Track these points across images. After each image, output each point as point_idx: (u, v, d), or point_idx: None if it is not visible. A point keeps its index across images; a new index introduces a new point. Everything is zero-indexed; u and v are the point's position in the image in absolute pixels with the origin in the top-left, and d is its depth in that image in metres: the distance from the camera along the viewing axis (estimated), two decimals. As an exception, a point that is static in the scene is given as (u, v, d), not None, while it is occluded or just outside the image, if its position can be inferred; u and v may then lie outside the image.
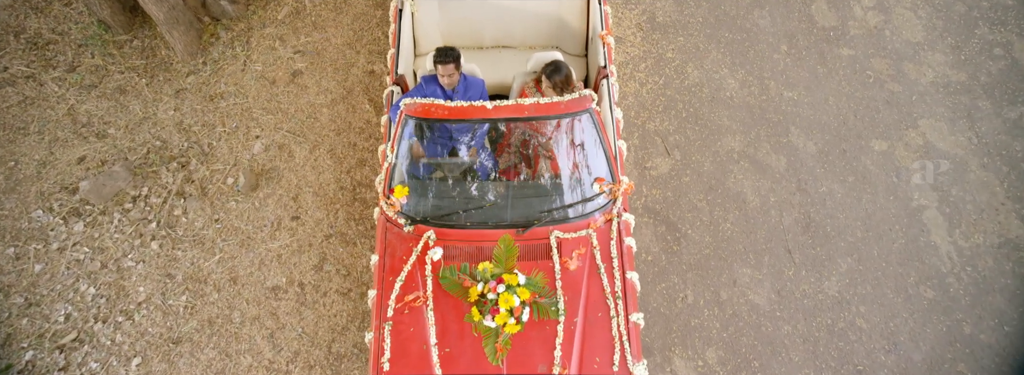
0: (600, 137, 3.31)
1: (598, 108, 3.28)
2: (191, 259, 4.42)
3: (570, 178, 3.44)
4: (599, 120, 3.29)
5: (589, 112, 3.25)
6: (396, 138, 3.38)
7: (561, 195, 3.43)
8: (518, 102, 3.23)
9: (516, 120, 3.25)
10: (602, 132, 3.31)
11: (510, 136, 3.46)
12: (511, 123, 3.38)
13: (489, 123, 3.32)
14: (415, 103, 3.31)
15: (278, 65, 5.09)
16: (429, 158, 3.58)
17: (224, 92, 5.03)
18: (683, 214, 4.52)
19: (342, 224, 4.51)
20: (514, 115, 3.22)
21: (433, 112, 3.25)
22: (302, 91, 5.00)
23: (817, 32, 5.09)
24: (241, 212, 4.59)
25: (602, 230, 3.42)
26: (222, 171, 4.73)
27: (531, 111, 3.21)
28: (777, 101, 4.86)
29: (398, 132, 3.37)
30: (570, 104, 3.23)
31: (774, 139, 4.74)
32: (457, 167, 3.51)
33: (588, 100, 3.26)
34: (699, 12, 5.20)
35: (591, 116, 3.27)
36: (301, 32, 5.20)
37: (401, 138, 3.39)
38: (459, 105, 3.24)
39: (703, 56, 5.04)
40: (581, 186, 3.44)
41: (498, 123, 3.37)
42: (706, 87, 4.93)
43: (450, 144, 3.71)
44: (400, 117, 3.36)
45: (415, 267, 3.36)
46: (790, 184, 4.58)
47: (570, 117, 3.29)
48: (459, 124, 3.34)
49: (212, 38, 5.23)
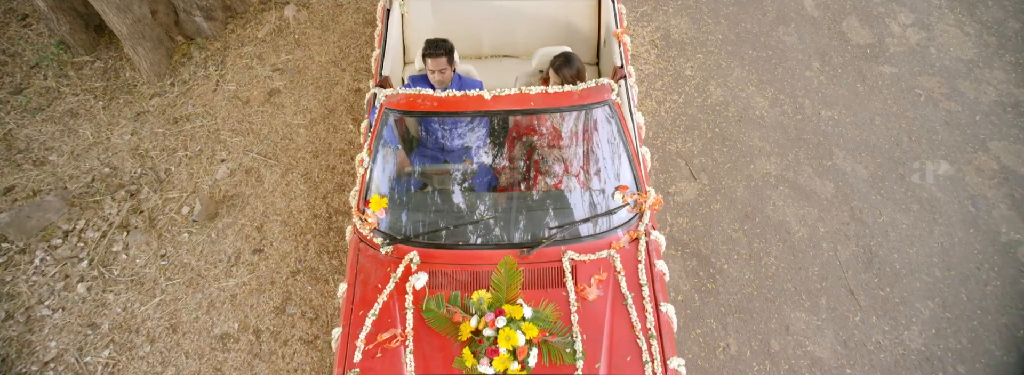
0: (622, 136, 2.85)
1: (619, 101, 2.84)
2: (124, 303, 3.80)
3: (586, 186, 2.94)
4: (621, 114, 2.85)
5: (608, 104, 2.81)
6: (374, 137, 2.92)
7: (575, 207, 2.91)
8: (523, 91, 2.79)
9: (521, 113, 2.81)
10: (624, 130, 2.85)
11: (514, 134, 3.00)
12: (514, 118, 2.92)
13: (488, 118, 2.86)
14: (397, 94, 2.88)
15: (254, 84, 4.76)
16: (416, 167, 3.10)
17: (191, 114, 4.65)
18: (716, 246, 3.96)
19: (313, 258, 3.93)
20: (518, 107, 2.78)
21: (419, 104, 2.82)
22: (278, 111, 4.62)
23: (851, 49, 4.80)
24: (194, 245, 4.03)
25: (627, 251, 2.87)
26: (177, 199, 4.24)
27: (538, 102, 2.77)
28: (815, 121, 4.46)
29: (377, 130, 2.91)
30: (586, 94, 2.80)
31: (816, 162, 4.28)
32: (450, 176, 3.02)
33: (607, 90, 2.83)
34: (718, 29, 4.95)
35: (611, 109, 2.83)
36: (282, 50, 4.92)
37: (380, 137, 2.92)
38: (451, 95, 2.81)
39: (726, 73, 4.72)
40: (600, 196, 2.93)
41: (499, 118, 2.92)
42: (732, 106, 4.56)
43: (440, 147, 3.26)
44: (379, 112, 2.92)
45: (392, 298, 2.77)
46: (841, 213, 4.05)
47: (586, 110, 2.84)
48: (451, 120, 2.89)
49: (184, 58, 4.95)
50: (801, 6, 5.06)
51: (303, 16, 5.06)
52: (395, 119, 2.92)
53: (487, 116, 2.82)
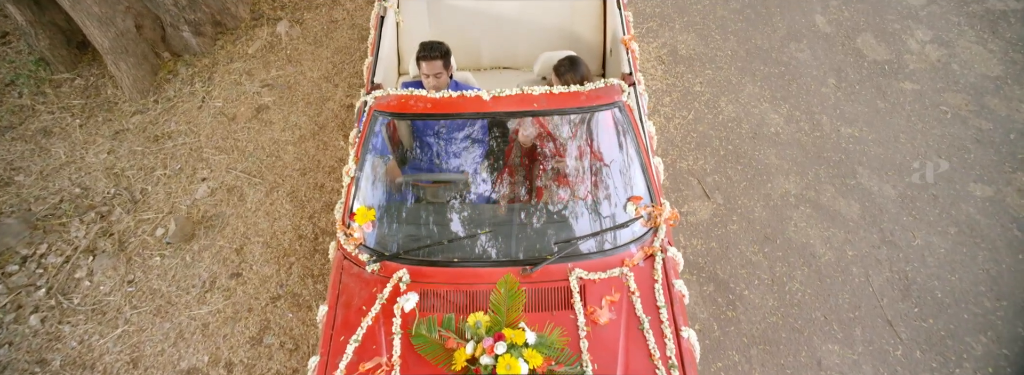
0: (634, 141, 2.64)
1: (630, 103, 2.65)
2: (81, 336, 3.51)
3: (595, 197, 2.71)
4: (632, 118, 2.65)
5: (619, 106, 2.62)
6: (362, 143, 2.71)
7: (583, 220, 2.67)
8: (524, 91, 2.60)
9: (523, 115, 2.60)
10: (637, 134, 2.65)
11: (516, 138, 2.79)
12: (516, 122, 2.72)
13: (487, 120, 2.66)
14: (387, 95, 2.69)
15: (241, 100, 4.60)
16: (408, 176, 2.88)
17: (173, 131, 4.47)
18: (735, 270, 3.69)
19: (295, 282, 3.66)
20: (520, 108, 2.57)
21: (411, 106, 2.62)
22: (266, 127, 4.44)
23: (868, 66, 4.66)
24: (166, 269, 3.76)
25: (641, 270, 2.60)
26: (152, 221, 4.00)
27: (542, 103, 2.57)
28: (834, 138, 4.27)
29: (364, 135, 2.71)
30: (594, 94, 2.61)
31: (839, 181, 4.06)
32: (445, 187, 2.79)
33: (617, 90, 2.64)
34: (727, 45, 4.83)
35: (622, 111, 2.63)
36: (273, 66, 4.78)
37: (368, 143, 2.71)
38: (447, 96, 2.62)
39: (737, 89, 4.56)
40: (610, 208, 2.69)
41: (499, 121, 2.72)
42: (745, 122, 4.38)
43: (435, 156, 3.04)
44: (367, 115, 2.72)
45: (378, 321, 2.49)
46: (870, 235, 3.80)
47: (594, 112, 2.64)
48: (447, 132, 2.69)
49: (169, 75, 4.81)
50: (813, 23, 4.97)
51: (296, 32, 4.96)
52: (385, 123, 2.72)
53: (486, 118, 2.61)
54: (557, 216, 2.67)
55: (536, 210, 2.70)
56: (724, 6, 5.10)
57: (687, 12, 5.08)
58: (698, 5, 5.12)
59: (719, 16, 5.04)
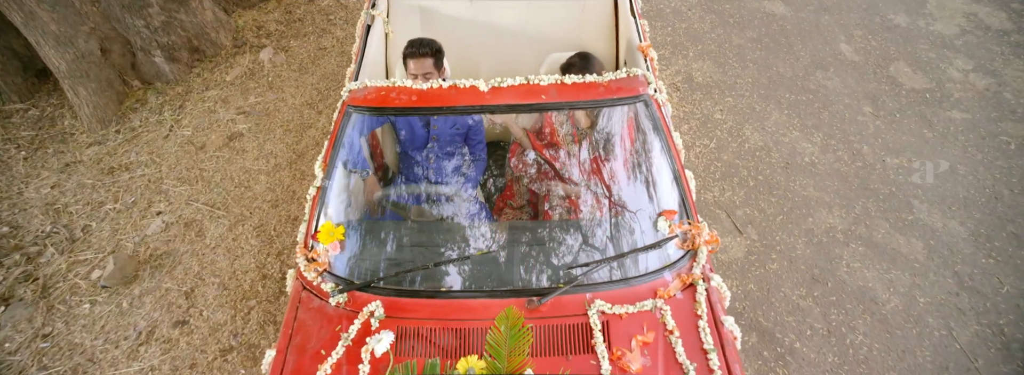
0: (665, 145, 2.22)
1: (658, 98, 2.25)
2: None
3: (618, 211, 2.25)
4: (662, 115, 2.24)
5: (645, 100, 2.22)
6: (332, 145, 2.29)
7: (603, 239, 2.20)
8: (530, 80, 2.22)
9: (528, 109, 2.20)
10: (668, 136, 2.23)
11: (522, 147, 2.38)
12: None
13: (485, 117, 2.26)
14: (364, 87, 2.31)
15: (213, 128, 4.24)
16: (389, 192, 2.44)
17: (132, 163, 4.08)
18: (780, 317, 3.15)
19: (253, 331, 3.11)
20: (525, 101, 2.18)
21: (393, 99, 2.22)
22: (237, 156, 4.05)
23: (907, 94, 4.35)
24: (94, 319, 3.22)
25: (680, 303, 2.10)
26: (88, 262, 3.50)
27: (552, 95, 2.18)
28: (880, 169, 3.86)
29: (335, 136, 2.30)
30: (615, 86, 2.22)
31: (893, 215, 3.60)
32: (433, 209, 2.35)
33: (642, 82, 2.26)
34: (746, 73, 4.55)
35: (649, 107, 2.22)
36: (251, 93, 4.47)
37: (340, 145, 2.30)
38: (437, 87, 2.23)
39: (762, 117, 4.22)
40: (636, 224, 2.23)
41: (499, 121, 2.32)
42: (775, 151, 3.99)
43: (422, 162, 2.63)
44: (340, 111, 2.33)
45: (340, 369, 1.96)
46: (943, 279, 3.29)
47: (615, 106, 2.24)
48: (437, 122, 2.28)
49: (137, 103, 4.49)
50: (838, 51, 4.72)
51: (280, 59, 4.70)
52: (361, 120, 2.31)
53: (484, 112, 2.20)
54: (571, 234, 2.20)
55: (545, 227, 2.24)
56: (740, 35, 4.89)
57: (701, 40, 4.85)
58: (712, 34, 4.90)
59: (735, 44, 4.81)
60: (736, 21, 5.04)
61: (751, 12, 5.14)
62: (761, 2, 5.25)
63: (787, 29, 4.95)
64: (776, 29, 4.96)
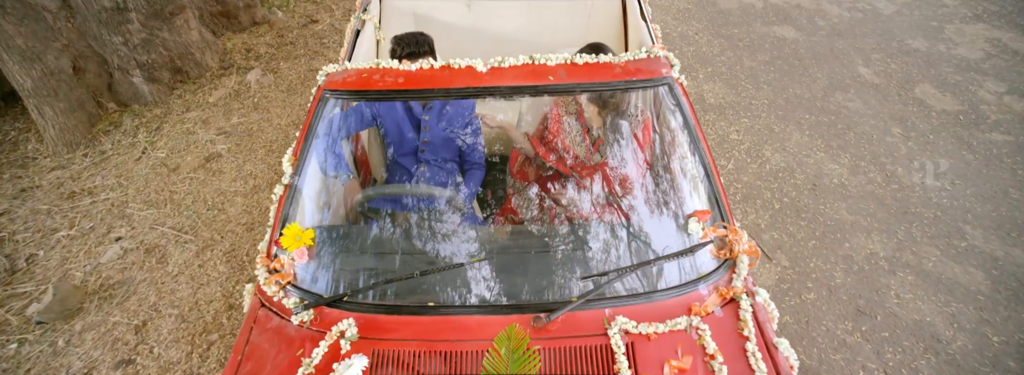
0: (692, 134, 1.92)
1: (683, 81, 1.97)
2: None
3: (640, 210, 1.92)
4: (689, 102, 1.95)
5: (669, 83, 1.94)
6: (304, 135, 2.00)
7: (626, 243, 1.85)
8: (536, 60, 1.95)
9: (535, 91, 1.91)
10: (697, 125, 1.94)
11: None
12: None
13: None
14: (344, 70, 2.04)
15: (190, 150, 3.96)
16: (369, 194, 2.12)
17: (97, 187, 3.77)
18: (826, 355, 2.75)
19: (212, 371, 2.69)
20: (530, 82, 1.89)
21: (377, 82, 1.94)
22: (213, 177, 3.74)
23: (938, 116, 4.11)
24: (19, 362, 2.82)
25: (720, 322, 1.73)
26: (27, 295, 3.13)
27: (561, 75, 1.90)
28: (920, 192, 3.56)
29: (308, 125, 2.00)
30: (634, 67, 1.94)
31: (943, 242, 3.26)
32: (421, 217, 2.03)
33: (664, 64, 1.99)
34: (761, 94, 4.34)
35: (674, 92, 1.94)
36: (235, 113, 4.23)
37: (313, 135, 2.00)
38: (427, 68, 1.96)
39: (782, 138, 3.96)
40: (664, 226, 1.89)
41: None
42: (799, 173, 3.70)
43: (411, 169, 2.32)
44: (316, 97, 2.05)
45: (297, 402, 1.57)
46: (1017, 314, 2.91)
47: (635, 89, 1.96)
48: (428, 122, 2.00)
49: (110, 126, 4.23)
50: (856, 74, 4.53)
51: (268, 80, 4.49)
52: (339, 107, 2.03)
53: (482, 96, 1.91)
54: (586, 238, 1.86)
55: (554, 231, 1.90)
56: (751, 58, 4.72)
57: (710, 63, 4.67)
58: (722, 57, 4.73)
59: (747, 67, 4.62)
60: (746, 45, 4.88)
61: (761, 36, 4.99)
62: (770, 27, 5.12)
63: (800, 53, 4.78)
64: (788, 52, 4.79)
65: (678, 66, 1.96)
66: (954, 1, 5.42)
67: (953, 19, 5.16)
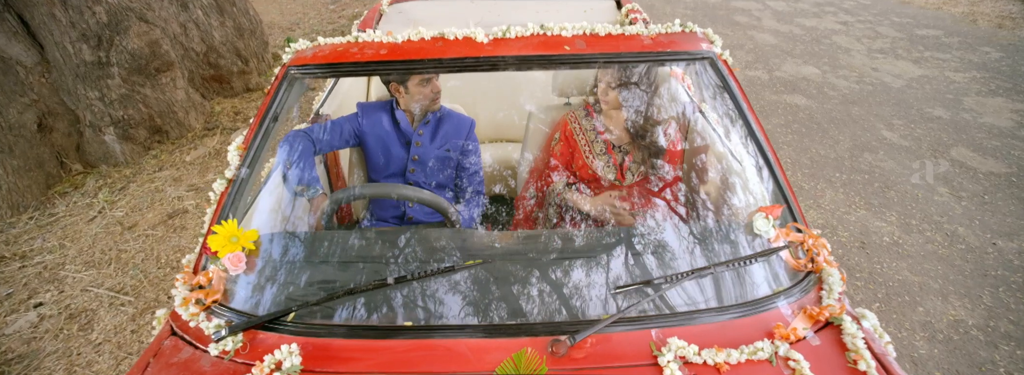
0: (746, 117, 1.55)
1: (727, 58, 1.64)
2: None
3: (689, 206, 1.48)
4: (737, 82, 1.60)
5: (711, 58, 1.60)
6: (259, 119, 1.62)
7: (676, 245, 1.40)
8: (549, 31, 1.64)
9: (548, 62, 1.56)
10: (750, 108, 1.57)
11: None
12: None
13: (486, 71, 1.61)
14: (315, 46, 1.73)
15: (154, 207, 3.57)
16: (338, 198, 1.71)
17: (32, 250, 3.32)
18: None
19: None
20: (542, 53, 1.56)
21: (355, 54, 1.61)
22: (173, 234, 3.31)
23: (986, 177, 3.78)
24: None
25: (817, 351, 1.23)
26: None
27: (579, 46, 1.58)
28: (995, 254, 3.12)
29: (266, 105, 1.64)
30: (668, 39, 1.62)
31: (1033, 306, 2.76)
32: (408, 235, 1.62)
33: (702, 39, 1.67)
34: (782, 154, 4.06)
35: (718, 69, 1.60)
36: (211, 170, 3.89)
37: (271, 115, 1.63)
38: (415, 38, 1.65)
39: (815, 195, 3.60)
40: (722, 224, 1.45)
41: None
42: (841, 230, 3.29)
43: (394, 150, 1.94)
44: (277, 77, 1.70)
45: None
46: None
47: (672, 62, 1.63)
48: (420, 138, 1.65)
49: (70, 188, 3.87)
50: (881, 137, 4.28)
51: (249, 141, 4.22)
52: (300, 82, 1.68)
53: (484, 67, 1.56)
54: (618, 239, 1.41)
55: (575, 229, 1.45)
56: (765, 121, 4.52)
57: (727, 128, 4.44)
58: (739, 122, 4.52)
59: (766, 131, 4.39)
60: (758, 110, 4.71)
61: (772, 103, 4.84)
62: (780, 95, 4.99)
63: (815, 117, 4.59)
64: (803, 117, 4.60)
65: (720, 42, 1.65)
66: (962, 77, 5.37)
67: (968, 93, 5.05)
